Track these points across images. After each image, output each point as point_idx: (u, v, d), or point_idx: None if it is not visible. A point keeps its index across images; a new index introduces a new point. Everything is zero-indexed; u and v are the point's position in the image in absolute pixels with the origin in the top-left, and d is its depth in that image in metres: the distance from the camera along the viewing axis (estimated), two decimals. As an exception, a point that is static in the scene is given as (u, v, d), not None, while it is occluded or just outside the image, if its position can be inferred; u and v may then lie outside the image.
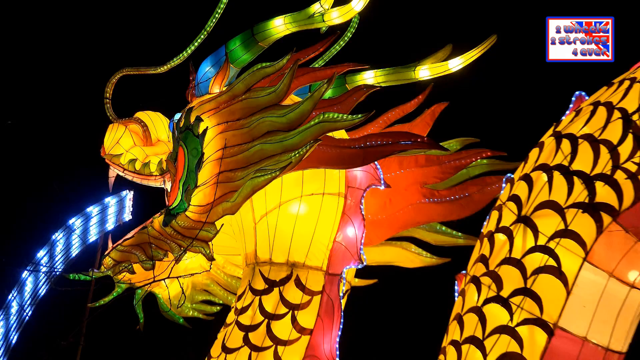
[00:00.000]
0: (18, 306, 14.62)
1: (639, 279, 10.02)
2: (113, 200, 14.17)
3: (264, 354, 11.47)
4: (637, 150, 9.60)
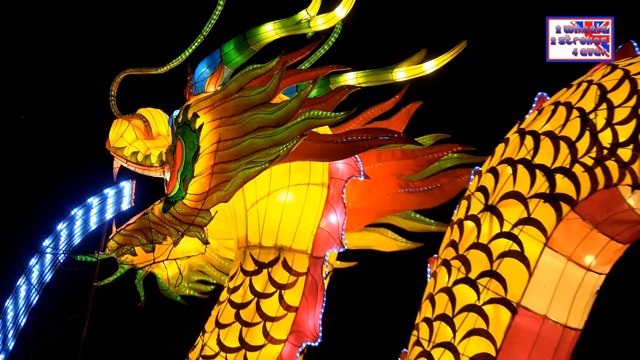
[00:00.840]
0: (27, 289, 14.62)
1: (594, 263, 10.10)
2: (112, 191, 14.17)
3: (254, 329, 11.53)
4: (594, 146, 9.66)
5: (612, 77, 9.86)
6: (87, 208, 14.37)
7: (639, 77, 9.62)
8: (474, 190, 10.60)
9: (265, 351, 11.51)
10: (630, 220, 9.94)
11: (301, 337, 11.55)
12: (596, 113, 9.73)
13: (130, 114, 13.22)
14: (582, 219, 9.87)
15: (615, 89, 9.71)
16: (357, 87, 11.91)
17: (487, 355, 9.76)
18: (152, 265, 12.66)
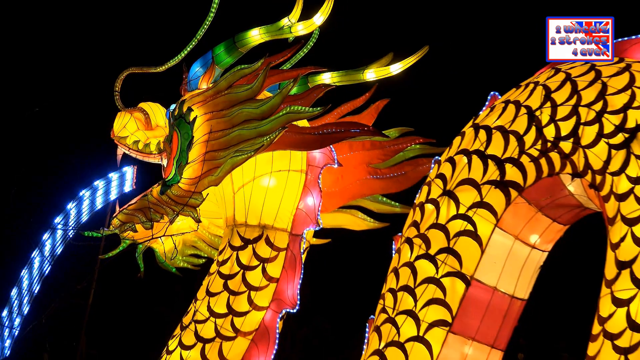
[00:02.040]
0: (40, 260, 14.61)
1: (538, 242, 10.14)
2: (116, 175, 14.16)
3: (240, 297, 11.58)
4: (539, 139, 9.69)
5: (556, 79, 9.89)
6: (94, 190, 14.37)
7: (578, 79, 9.66)
8: (433, 177, 10.62)
9: (250, 317, 11.54)
10: (570, 204, 10.00)
11: (281, 304, 11.60)
12: (541, 110, 9.76)
13: (132, 108, 13.21)
14: (528, 203, 9.92)
15: (558, 89, 9.74)
16: (332, 85, 11.97)
17: (444, 321, 9.80)
18: (151, 241, 12.71)
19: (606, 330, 8.63)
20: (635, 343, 8.34)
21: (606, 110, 9.21)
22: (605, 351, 8.58)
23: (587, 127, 9.30)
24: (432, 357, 9.75)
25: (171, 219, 12.20)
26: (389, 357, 9.95)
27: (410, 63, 11.92)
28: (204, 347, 11.53)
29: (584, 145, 9.27)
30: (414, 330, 9.88)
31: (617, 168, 8.93)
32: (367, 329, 10.58)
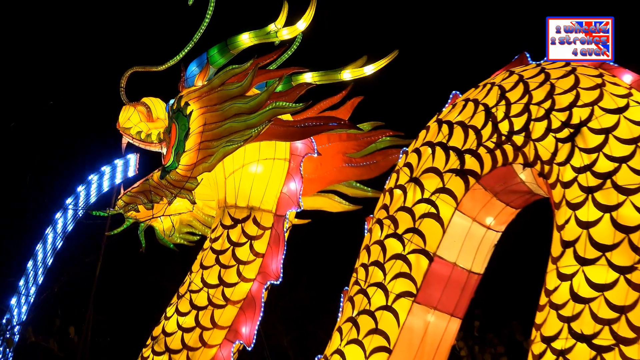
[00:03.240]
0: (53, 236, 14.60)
1: (493, 223, 10.14)
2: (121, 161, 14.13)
3: (230, 270, 11.60)
4: (495, 133, 9.69)
5: (510, 80, 9.91)
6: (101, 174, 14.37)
7: (530, 80, 9.68)
8: (401, 166, 10.62)
9: (238, 287, 11.56)
10: (522, 191, 10.02)
11: (266, 276, 11.62)
12: (497, 108, 9.77)
13: (136, 102, 13.17)
14: (484, 189, 9.93)
15: (512, 89, 9.76)
16: (312, 84, 11.99)
17: (410, 292, 9.83)
18: (151, 220, 12.71)
19: (552, 302, 8.67)
20: (577, 312, 8.39)
21: (554, 108, 9.24)
22: (551, 320, 8.62)
23: (537, 122, 9.32)
24: (399, 324, 9.76)
25: (169, 200, 12.20)
26: (360, 323, 9.95)
27: (382, 65, 11.94)
28: (198, 314, 11.53)
29: (534, 139, 9.29)
30: (383, 300, 9.89)
31: (563, 159, 8.97)
32: (341, 299, 10.58)
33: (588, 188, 8.68)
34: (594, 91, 9.10)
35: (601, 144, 8.77)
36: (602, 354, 8.18)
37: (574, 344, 8.33)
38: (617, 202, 8.48)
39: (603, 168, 8.67)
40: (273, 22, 12.05)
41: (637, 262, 8.26)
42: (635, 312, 8.19)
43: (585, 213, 8.63)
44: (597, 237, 8.48)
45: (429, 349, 9.95)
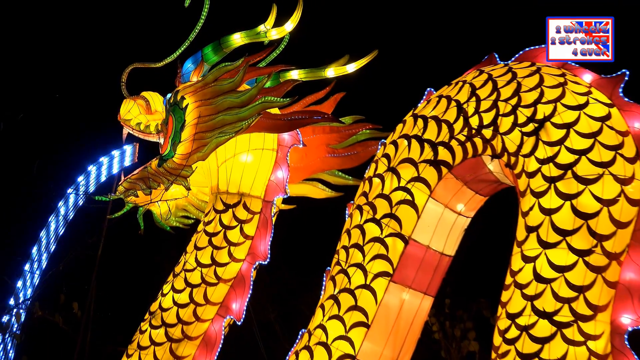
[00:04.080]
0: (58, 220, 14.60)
1: (463, 209, 10.15)
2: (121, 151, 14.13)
3: (221, 251, 11.60)
4: (466, 127, 9.70)
5: (480, 78, 9.92)
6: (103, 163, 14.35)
7: (498, 79, 9.69)
8: (380, 156, 10.62)
9: (229, 267, 11.57)
10: (490, 180, 10.05)
11: (255, 257, 11.61)
12: (468, 104, 9.78)
13: (136, 96, 13.16)
14: (455, 178, 9.95)
15: (482, 87, 9.76)
16: (299, 80, 11.98)
17: (386, 272, 9.85)
18: (150, 204, 12.72)
19: (516, 281, 8.71)
20: (540, 291, 8.44)
21: (520, 105, 9.26)
22: (516, 298, 8.67)
23: (504, 117, 9.34)
24: (377, 302, 9.79)
25: (166, 186, 12.21)
26: (341, 300, 9.97)
27: (363, 64, 11.95)
28: (192, 291, 11.53)
29: (501, 133, 9.31)
30: (362, 280, 9.90)
31: (528, 151, 9.00)
32: (324, 278, 10.59)
33: (551, 178, 8.72)
34: (556, 89, 9.13)
35: (563, 138, 8.81)
36: (562, 330, 8.24)
37: (537, 320, 8.39)
38: (577, 191, 8.53)
39: (564, 160, 8.71)
40: (263, 23, 12.08)
41: (594, 246, 8.32)
42: (593, 292, 8.25)
43: (548, 201, 8.67)
44: (559, 223, 8.53)
45: (404, 324, 9.99)
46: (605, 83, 9.07)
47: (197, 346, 11.45)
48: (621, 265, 8.28)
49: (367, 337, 9.75)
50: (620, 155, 8.55)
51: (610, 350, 8.20)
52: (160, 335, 11.48)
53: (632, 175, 8.46)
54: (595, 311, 8.20)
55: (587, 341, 8.17)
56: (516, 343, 8.48)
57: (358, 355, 9.71)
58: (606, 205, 8.41)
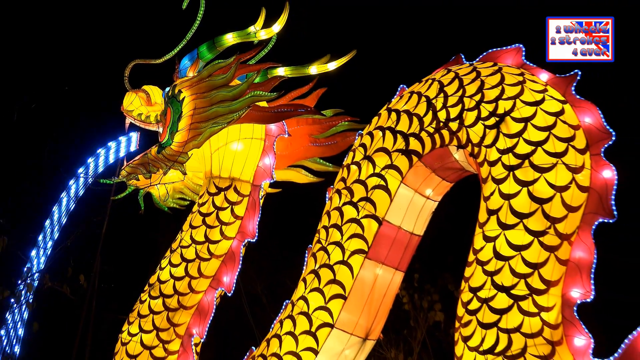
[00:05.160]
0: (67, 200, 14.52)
1: (431, 194, 10.14)
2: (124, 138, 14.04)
3: (214, 230, 11.55)
4: (434, 120, 9.68)
5: (448, 76, 9.91)
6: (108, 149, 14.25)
7: (464, 77, 9.68)
8: (357, 146, 10.60)
9: (221, 244, 11.54)
10: (455, 168, 10.04)
11: (244, 235, 11.57)
12: (437, 99, 9.76)
13: (137, 89, 13.07)
14: (425, 166, 9.94)
15: (449, 84, 9.75)
16: (285, 77, 11.92)
17: (362, 250, 9.85)
18: (149, 187, 12.66)
19: (478, 259, 8.73)
20: (499, 268, 8.48)
21: (483, 101, 9.27)
22: (477, 273, 8.69)
23: (469, 112, 9.34)
24: (353, 276, 9.79)
25: (164, 171, 12.15)
26: (321, 275, 9.97)
27: (342, 62, 11.90)
28: (187, 265, 11.51)
29: (466, 125, 9.31)
30: (340, 256, 9.89)
31: (490, 142, 9.01)
32: (306, 255, 10.58)
33: (510, 166, 8.75)
34: (516, 87, 9.14)
35: (521, 131, 8.83)
36: (518, 302, 8.29)
37: (496, 293, 8.43)
38: (533, 179, 8.57)
39: (522, 150, 8.74)
40: (253, 24, 12.02)
41: (548, 228, 8.38)
42: (546, 268, 8.31)
43: (507, 187, 8.70)
44: (516, 207, 8.56)
45: (377, 296, 10.00)
46: (560, 82, 9.11)
47: (191, 315, 11.45)
48: (572, 245, 8.36)
49: (345, 307, 9.76)
50: (572, 147, 8.61)
51: (561, 321, 8.26)
52: (159, 304, 11.46)
53: (582, 164, 8.52)
54: (548, 286, 8.25)
55: (541, 312, 8.22)
56: (477, 314, 8.52)
57: (336, 324, 9.72)
58: (559, 192, 8.45)
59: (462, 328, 8.68)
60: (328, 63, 11.97)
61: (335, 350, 9.76)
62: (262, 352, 10.21)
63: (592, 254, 8.27)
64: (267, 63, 12.10)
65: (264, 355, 10.08)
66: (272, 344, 10.09)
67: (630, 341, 7.85)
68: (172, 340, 11.36)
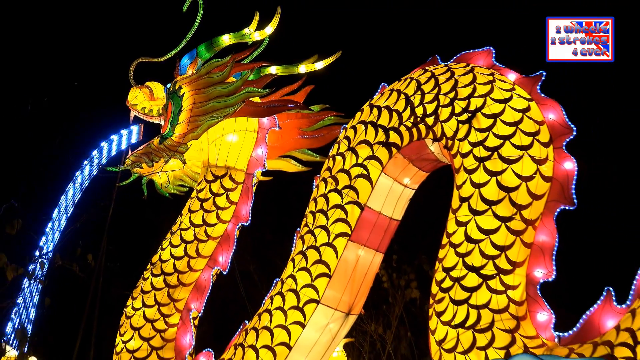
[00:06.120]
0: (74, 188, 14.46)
1: (409, 183, 10.14)
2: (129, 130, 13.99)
3: (211, 214, 11.53)
4: (412, 115, 9.66)
5: (425, 76, 9.88)
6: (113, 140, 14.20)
7: (440, 76, 9.66)
8: (342, 138, 10.56)
9: (217, 227, 11.54)
10: (431, 159, 10.03)
11: (238, 219, 11.56)
12: (414, 96, 9.74)
13: (141, 84, 12.98)
14: (403, 157, 9.92)
15: (426, 82, 9.73)
16: (276, 75, 11.89)
17: (346, 233, 9.83)
18: (152, 175, 12.59)
19: (451, 242, 8.74)
20: (470, 250, 8.50)
21: (457, 98, 9.26)
22: (450, 255, 8.70)
23: (444, 108, 9.33)
24: (337, 257, 9.78)
25: (166, 160, 12.06)
26: (308, 255, 9.95)
27: (329, 62, 11.88)
28: (186, 246, 11.49)
29: (441, 120, 9.30)
30: (326, 239, 9.87)
31: (462, 136, 9.01)
32: (294, 237, 10.56)
33: (480, 158, 8.76)
34: (486, 86, 9.14)
35: (491, 125, 8.84)
36: (487, 281, 8.31)
37: (467, 273, 8.45)
38: (502, 169, 8.59)
39: (492, 143, 8.75)
40: (247, 27, 11.98)
41: (514, 214, 8.40)
42: (512, 251, 8.34)
43: (478, 177, 8.70)
44: (486, 195, 8.57)
45: (359, 275, 9.99)
46: (526, 81, 9.13)
47: (190, 291, 11.48)
48: (535, 230, 8.40)
49: (329, 285, 9.75)
50: (537, 141, 8.63)
51: (525, 298, 8.31)
52: (160, 281, 11.44)
53: (546, 157, 8.55)
54: (514, 266, 8.28)
55: (507, 290, 8.25)
56: (450, 291, 8.53)
57: (322, 300, 9.72)
58: (525, 181, 8.47)
59: (436, 304, 8.69)
60: (316, 63, 11.95)
61: (321, 324, 9.76)
62: (254, 325, 10.20)
63: (554, 237, 8.36)
64: (260, 62, 12.04)
65: (255, 328, 10.06)
66: (263, 318, 10.08)
67: (588, 317, 7.91)
68: (172, 314, 11.38)
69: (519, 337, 8.05)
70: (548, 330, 8.17)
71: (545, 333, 8.16)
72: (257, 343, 9.87)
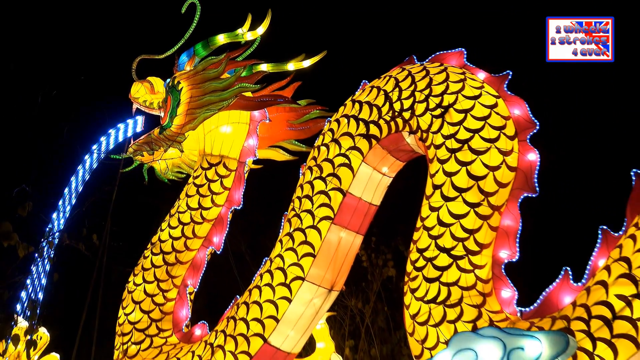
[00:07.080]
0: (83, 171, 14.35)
1: (387, 171, 10.14)
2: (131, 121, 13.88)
3: (206, 198, 11.50)
4: (390, 109, 9.64)
5: (402, 74, 9.86)
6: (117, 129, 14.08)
7: (416, 74, 9.65)
8: (326, 130, 10.52)
9: (212, 210, 11.50)
10: (407, 150, 10.02)
11: (231, 203, 11.54)
12: (393, 93, 9.71)
13: (143, 79, 12.90)
14: (382, 148, 9.90)
15: (404, 80, 9.71)
16: (267, 72, 11.82)
17: (329, 217, 9.82)
18: (152, 162, 12.53)
19: (424, 225, 8.75)
20: (441, 233, 8.52)
21: (431, 94, 9.24)
22: (423, 237, 8.71)
23: (419, 104, 9.31)
24: (321, 238, 9.76)
25: (165, 149, 12.04)
26: (295, 237, 9.93)
27: (315, 61, 11.83)
28: (183, 228, 11.46)
29: (417, 115, 9.29)
30: (311, 221, 9.86)
31: (436, 129, 9.00)
32: (282, 220, 10.53)
33: (452, 149, 8.76)
34: (458, 84, 9.14)
35: (462, 120, 8.84)
36: (457, 261, 8.34)
37: (438, 254, 8.47)
38: (471, 160, 8.60)
39: (462, 136, 8.76)
40: (240, 27, 11.92)
41: (482, 200, 8.43)
42: (480, 234, 8.37)
43: (450, 166, 8.72)
44: (457, 183, 8.59)
45: (341, 255, 9.98)
46: (494, 80, 9.17)
47: (186, 269, 11.46)
48: (501, 215, 8.45)
49: (314, 264, 9.74)
50: (503, 134, 8.66)
51: (491, 276, 8.35)
52: (159, 260, 11.42)
53: (512, 149, 8.58)
54: (481, 248, 8.31)
55: (475, 269, 8.29)
56: (423, 270, 8.56)
57: (306, 278, 9.71)
58: (492, 171, 8.50)
59: (410, 282, 8.71)
60: (303, 61, 11.89)
61: (306, 299, 9.75)
62: (245, 299, 10.18)
63: (518, 222, 8.43)
64: (253, 60, 11.96)
65: (246, 303, 10.05)
66: (253, 293, 10.06)
67: (547, 293, 7.99)
68: (170, 290, 11.37)
69: (485, 311, 8.09)
70: (511, 305, 8.23)
71: (509, 308, 8.21)
72: (247, 316, 9.86)
